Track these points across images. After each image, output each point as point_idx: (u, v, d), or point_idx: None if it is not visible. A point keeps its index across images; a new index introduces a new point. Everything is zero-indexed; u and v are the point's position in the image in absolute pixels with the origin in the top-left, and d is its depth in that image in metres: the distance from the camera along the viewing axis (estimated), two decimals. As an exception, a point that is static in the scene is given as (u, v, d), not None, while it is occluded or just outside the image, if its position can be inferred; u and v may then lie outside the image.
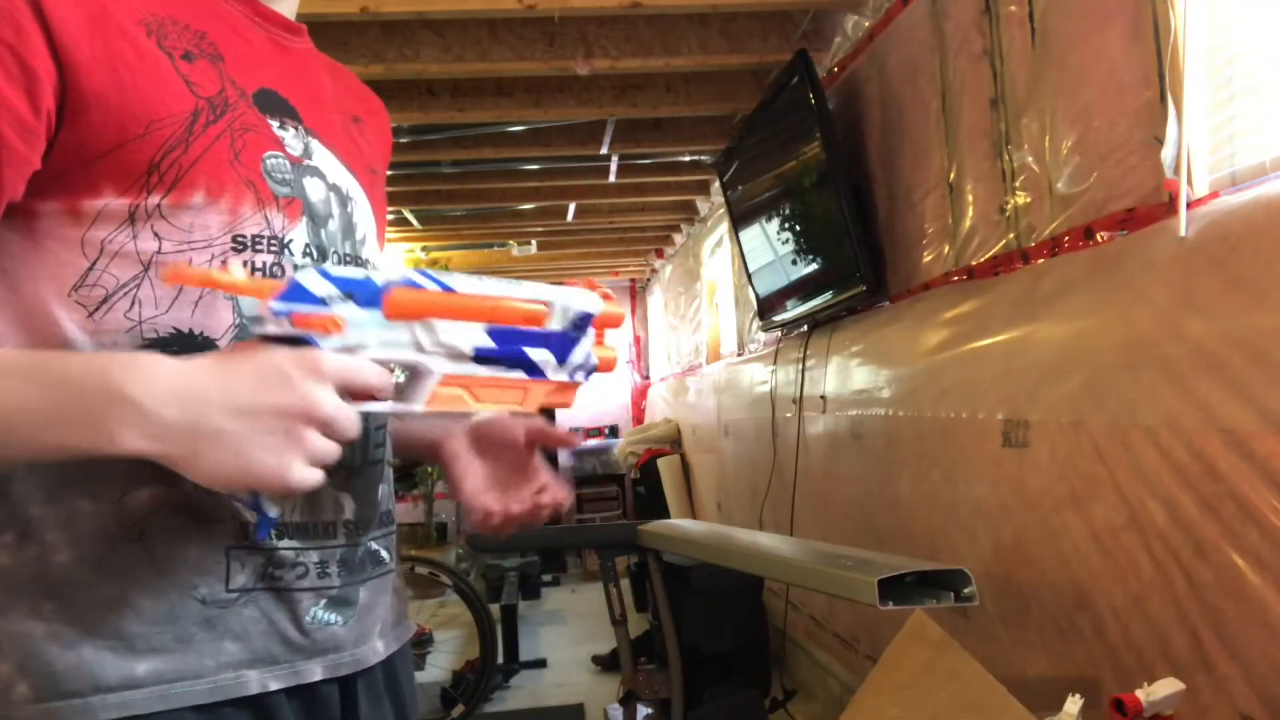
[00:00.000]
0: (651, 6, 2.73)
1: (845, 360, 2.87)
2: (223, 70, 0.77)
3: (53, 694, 0.68)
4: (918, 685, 1.53)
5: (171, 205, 0.71)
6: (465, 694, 3.64)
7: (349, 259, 0.84)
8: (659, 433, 6.15)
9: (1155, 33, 1.53)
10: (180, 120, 0.72)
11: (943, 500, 2.17)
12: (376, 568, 0.86)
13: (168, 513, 0.72)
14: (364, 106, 0.96)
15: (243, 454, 0.62)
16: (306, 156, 0.81)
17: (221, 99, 0.75)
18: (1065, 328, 1.72)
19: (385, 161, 0.99)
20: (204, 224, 0.73)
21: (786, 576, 1.98)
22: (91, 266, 0.70)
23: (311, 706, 0.79)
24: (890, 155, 2.62)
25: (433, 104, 3.45)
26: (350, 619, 0.81)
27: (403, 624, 0.92)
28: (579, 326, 0.76)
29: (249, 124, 0.77)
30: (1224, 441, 1.31)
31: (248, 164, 0.75)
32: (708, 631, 2.80)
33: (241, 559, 0.74)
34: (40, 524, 0.70)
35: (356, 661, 0.82)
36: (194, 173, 0.72)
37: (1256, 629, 1.28)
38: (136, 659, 0.70)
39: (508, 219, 5.54)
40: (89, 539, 0.70)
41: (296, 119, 0.82)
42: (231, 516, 0.74)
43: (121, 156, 0.69)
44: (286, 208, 0.78)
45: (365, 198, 0.88)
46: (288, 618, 0.77)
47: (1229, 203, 1.40)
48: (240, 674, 0.74)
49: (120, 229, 0.70)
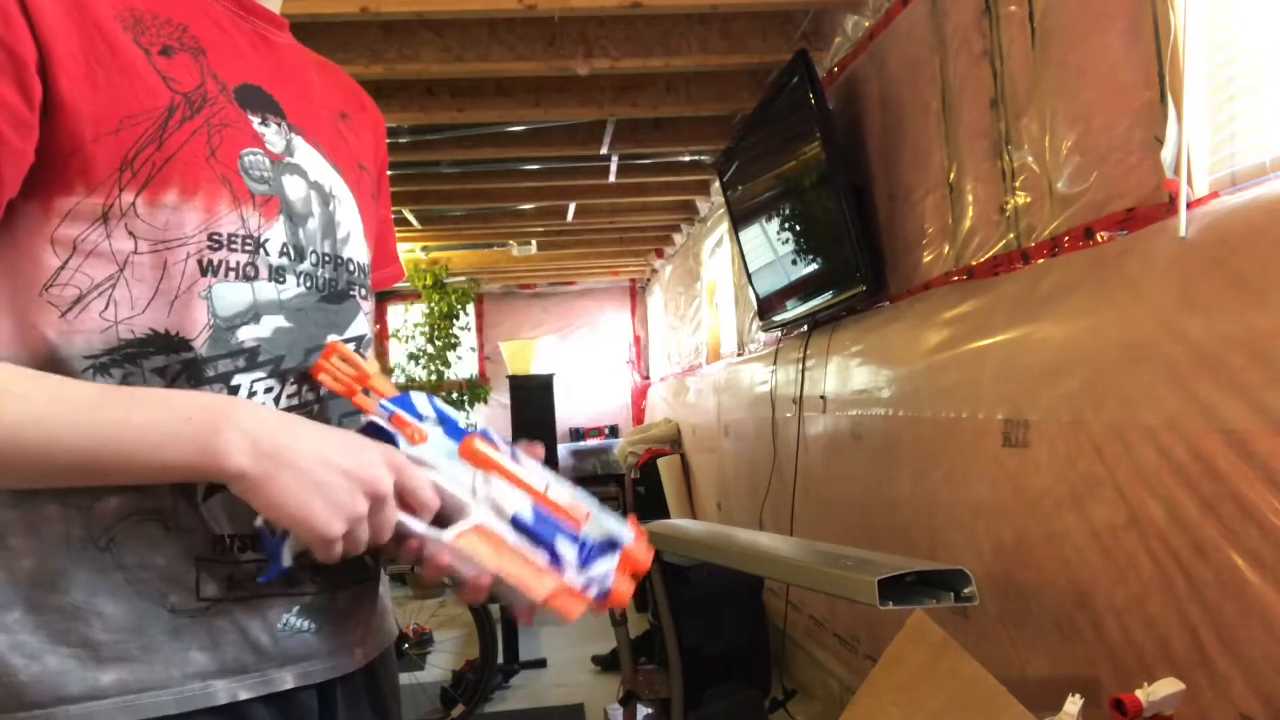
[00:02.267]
0: (651, 6, 2.73)
1: (845, 360, 2.87)
2: (204, 64, 0.75)
3: (16, 705, 0.67)
4: (918, 685, 1.53)
5: (145, 203, 0.70)
6: (465, 694, 3.63)
7: (327, 258, 0.82)
8: (659, 433, 6.15)
9: (1155, 33, 1.53)
10: (154, 116, 0.70)
11: (943, 500, 2.17)
12: (359, 574, 0.85)
13: (138, 519, 0.71)
14: (353, 103, 0.94)
15: (309, 494, 0.67)
16: (288, 154, 0.80)
17: (200, 94, 0.74)
18: (1065, 328, 1.72)
19: (378, 157, 0.97)
20: (178, 222, 0.71)
21: (786, 576, 1.98)
22: (63, 265, 0.69)
23: (288, 714, 0.77)
24: (890, 155, 2.62)
25: (433, 104, 3.45)
26: (325, 626, 0.80)
27: (384, 629, 0.90)
28: (608, 546, 0.80)
29: (227, 120, 0.75)
30: (1224, 441, 1.31)
31: (224, 161, 0.74)
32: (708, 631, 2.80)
33: (211, 570, 0.73)
34: (6, 529, 0.69)
35: (332, 669, 0.81)
36: (168, 170, 0.70)
37: (1256, 629, 1.28)
38: (101, 668, 0.69)
39: (508, 219, 5.54)
40: (56, 544, 0.69)
41: (280, 115, 0.80)
42: (202, 526, 0.73)
43: (93, 153, 0.68)
44: (263, 206, 0.76)
45: (351, 196, 0.86)
46: (259, 625, 0.75)
47: (1229, 203, 1.40)
48: (208, 684, 0.72)
49: (93, 227, 0.69)
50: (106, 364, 0.70)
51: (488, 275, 7.41)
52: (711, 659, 2.82)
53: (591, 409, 8.06)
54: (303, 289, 0.79)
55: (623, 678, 2.73)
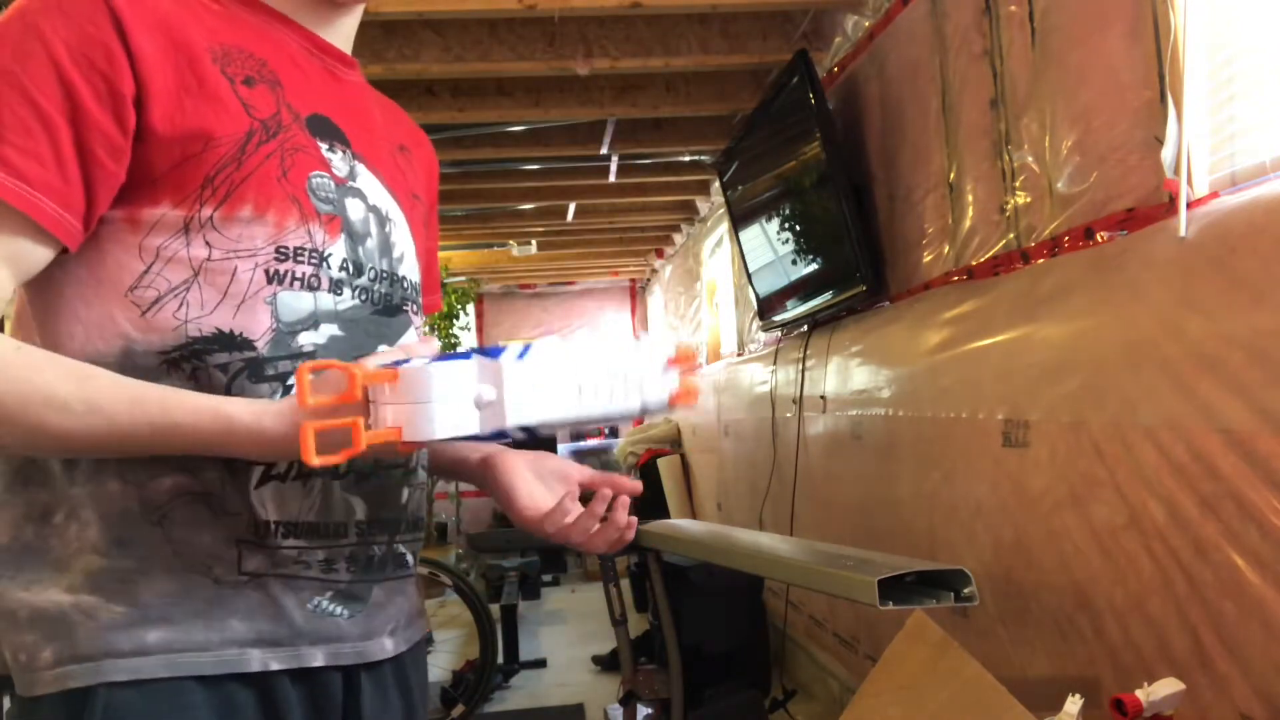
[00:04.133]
0: (651, 6, 2.73)
1: (845, 360, 2.87)
2: (280, 95, 0.83)
3: (70, 658, 0.74)
4: (918, 685, 1.53)
5: (222, 217, 0.78)
6: (465, 694, 3.63)
7: (384, 275, 0.89)
8: (659, 433, 6.15)
9: (1155, 33, 1.53)
10: (235, 140, 0.78)
11: (943, 500, 2.17)
12: (398, 569, 0.90)
13: (187, 500, 0.78)
14: (411, 139, 1.02)
15: None
16: (351, 178, 0.87)
17: (275, 121, 0.81)
18: (1065, 328, 1.72)
19: (431, 190, 1.05)
20: (250, 235, 0.79)
21: (786, 576, 1.98)
22: (147, 270, 0.77)
23: (314, 691, 0.82)
24: (890, 155, 2.62)
25: (433, 104, 3.45)
26: (357, 614, 0.85)
27: (416, 625, 0.95)
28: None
29: (299, 145, 0.83)
30: (1224, 441, 1.31)
31: (294, 182, 0.81)
32: (708, 631, 2.80)
33: (251, 551, 0.79)
34: (79, 502, 0.77)
35: (360, 654, 0.85)
36: (244, 188, 0.78)
37: (1256, 629, 1.28)
38: (148, 628, 0.75)
39: (508, 219, 5.54)
40: (116, 517, 0.77)
41: (345, 143, 0.87)
42: (248, 512, 0.79)
43: (181, 172, 0.76)
44: (328, 224, 0.83)
45: (405, 220, 0.93)
46: (293, 603, 0.81)
47: (1229, 203, 1.40)
48: (244, 651, 0.78)
49: (175, 237, 0.77)
50: (176, 359, 0.77)
51: (488, 275, 7.41)
52: (711, 659, 2.82)
53: (591, 409, 8.04)
54: (357, 301, 0.86)
55: (623, 678, 2.73)
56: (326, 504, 0.83)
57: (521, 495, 0.94)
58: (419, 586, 0.97)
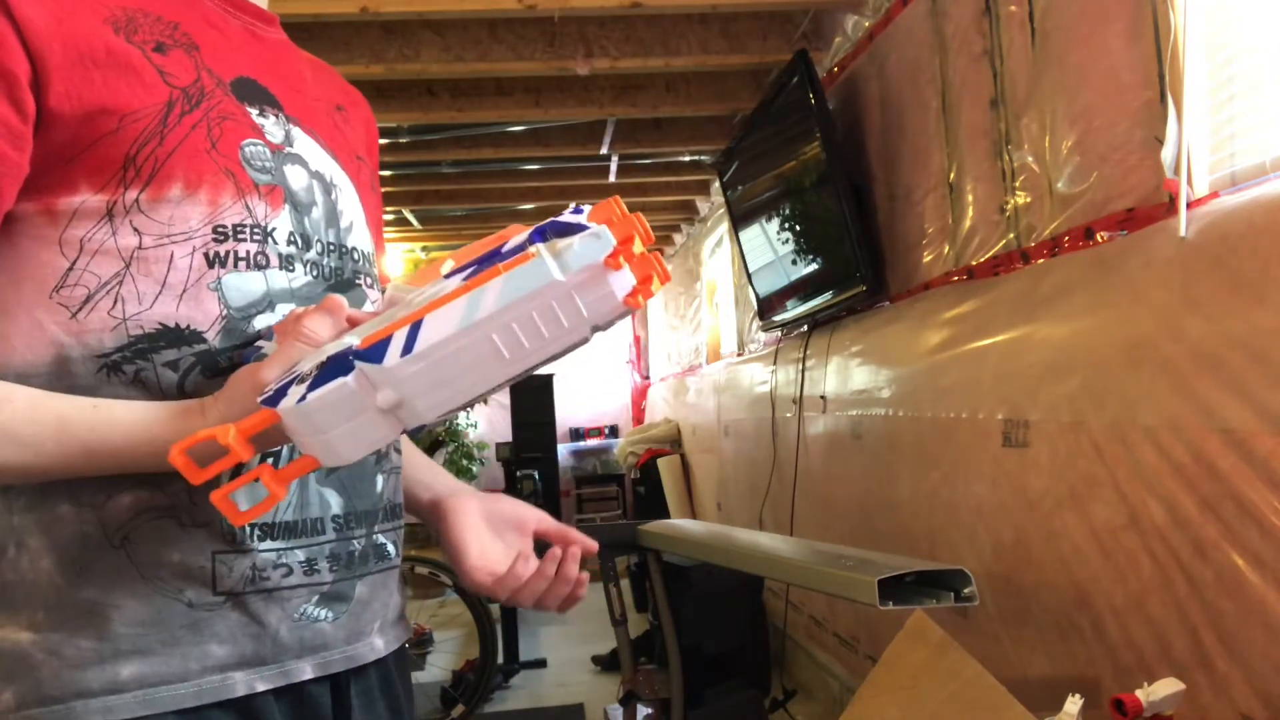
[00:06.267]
0: (651, 6, 2.73)
1: (845, 360, 2.87)
2: (198, 59, 0.75)
3: (35, 700, 0.68)
4: (918, 685, 1.53)
5: (150, 199, 0.70)
6: (465, 694, 3.63)
7: (332, 247, 0.82)
8: (659, 433, 6.15)
9: (1155, 33, 1.53)
10: (154, 112, 0.71)
11: (943, 500, 2.17)
12: (380, 562, 0.84)
13: (152, 516, 0.71)
14: (347, 98, 0.95)
15: None
16: (288, 144, 0.79)
17: (197, 88, 0.74)
18: (1065, 328, 1.72)
19: (372, 150, 0.97)
20: (183, 215, 0.71)
21: (786, 576, 1.98)
22: (71, 266, 0.69)
23: (301, 708, 0.77)
24: (890, 155, 2.62)
25: (433, 104, 3.45)
26: (342, 614, 0.80)
27: (402, 622, 0.90)
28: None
29: (226, 112, 0.75)
30: (1224, 441, 1.31)
31: (225, 152, 0.74)
32: (708, 631, 2.79)
33: (228, 563, 0.73)
34: (25, 531, 0.70)
35: (349, 659, 0.80)
36: (170, 164, 0.71)
37: (1256, 629, 1.28)
38: (120, 662, 0.69)
39: (508, 219, 5.53)
40: (71, 544, 0.69)
41: (276, 106, 0.80)
42: (219, 518, 0.72)
43: (96, 153, 0.68)
44: (268, 195, 0.76)
45: (351, 185, 0.86)
46: (277, 617, 0.75)
47: (1229, 203, 1.40)
48: (226, 676, 0.72)
49: (99, 226, 0.69)
50: (118, 361, 0.70)
51: (487, 275, 7.40)
52: (711, 659, 2.82)
53: (591, 409, 8.05)
54: (310, 277, 0.79)
55: (623, 678, 2.73)
56: (303, 500, 0.77)
57: (472, 554, 0.87)
58: (401, 583, 0.91)
